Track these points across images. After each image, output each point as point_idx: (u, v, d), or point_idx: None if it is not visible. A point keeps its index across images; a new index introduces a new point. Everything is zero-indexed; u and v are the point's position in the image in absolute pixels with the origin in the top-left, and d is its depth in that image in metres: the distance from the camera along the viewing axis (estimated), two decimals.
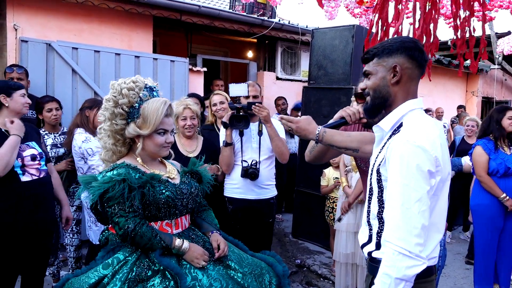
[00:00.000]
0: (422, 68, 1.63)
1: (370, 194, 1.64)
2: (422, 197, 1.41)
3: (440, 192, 1.52)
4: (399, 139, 1.49)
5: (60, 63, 4.63)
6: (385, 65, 1.61)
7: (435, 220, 1.53)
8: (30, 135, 2.84)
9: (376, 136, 1.73)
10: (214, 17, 5.88)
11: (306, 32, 6.83)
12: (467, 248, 5.16)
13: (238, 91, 3.10)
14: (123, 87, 2.02)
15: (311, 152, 2.27)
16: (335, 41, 5.10)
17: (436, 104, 9.41)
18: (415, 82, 1.62)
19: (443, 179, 1.51)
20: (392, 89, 1.61)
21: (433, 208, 1.50)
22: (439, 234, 1.56)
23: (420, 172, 1.42)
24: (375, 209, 1.59)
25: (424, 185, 1.42)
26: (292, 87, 7.24)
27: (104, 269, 1.90)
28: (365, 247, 1.66)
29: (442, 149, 1.49)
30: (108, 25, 5.19)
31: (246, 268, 2.11)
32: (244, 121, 3.06)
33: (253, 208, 3.31)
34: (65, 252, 4.16)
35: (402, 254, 1.39)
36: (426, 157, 1.43)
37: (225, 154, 3.24)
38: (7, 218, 2.62)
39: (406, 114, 1.58)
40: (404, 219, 1.41)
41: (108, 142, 2.08)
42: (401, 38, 1.65)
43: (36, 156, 2.78)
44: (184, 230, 2.11)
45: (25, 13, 4.59)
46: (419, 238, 1.40)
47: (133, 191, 1.89)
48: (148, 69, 5.23)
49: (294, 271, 4.48)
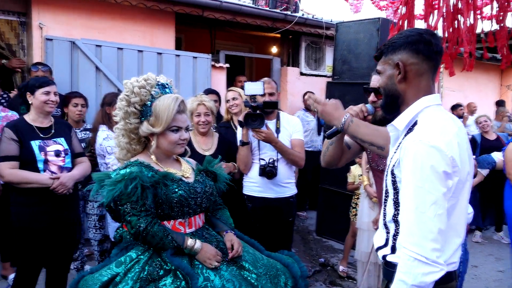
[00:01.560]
0: (433, 60, 1.50)
1: (386, 196, 1.57)
2: (438, 200, 1.32)
3: (459, 193, 1.42)
4: (412, 139, 1.40)
5: (84, 60, 4.69)
6: (390, 62, 1.54)
7: (454, 223, 1.43)
8: (60, 132, 2.90)
9: (391, 136, 1.64)
10: (236, 13, 5.83)
11: (331, 26, 6.69)
12: (500, 249, 4.96)
13: (253, 90, 3.02)
14: (135, 86, 2.00)
15: (325, 155, 2.19)
16: (360, 35, 4.96)
17: (467, 99, 9.06)
18: (425, 76, 1.51)
19: (462, 180, 1.41)
20: (399, 86, 1.53)
21: (452, 211, 1.41)
22: (459, 238, 1.47)
23: (435, 173, 1.33)
24: (390, 211, 1.51)
25: (439, 187, 1.33)
26: (316, 83, 7.11)
27: (117, 267, 1.89)
28: (380, 250, 1.59)
29: (459, 148, 1.39)
30: (131, 22, 5.23)
31: (260, 269, 2.05)
32: (260, 119, 2.99)
33: (273, 207, 3.24)
34: (90, 247, 4.23)
35: (418, 260, 1.31)
36: (441, 157, 1.33)
37: (242, 153, 3.19)
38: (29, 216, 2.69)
39: (421, 111, 1.48)
40: (419, 223, 1.33)
41: (122, 141, 2.08)
42: (407, 31, 1.55)
43: (61, 152, 2.83)
44: (198, 229, 2.07)
45: (50, 11, 4.67)
46: (436, 243, 1.31)
47: (145, 189, 1.87)
48: (170, 66, 5.24)
49: (318, 270, 4.41)
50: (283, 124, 3.25)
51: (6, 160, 2.65)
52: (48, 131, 2.84)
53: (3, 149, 2.67)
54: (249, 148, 3.19)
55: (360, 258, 3.67)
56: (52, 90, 2.82)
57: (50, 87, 2.81)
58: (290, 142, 3.22)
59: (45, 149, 2.76)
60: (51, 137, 2.83)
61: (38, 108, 2.79)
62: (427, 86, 1.52)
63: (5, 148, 2.67)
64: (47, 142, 2.79)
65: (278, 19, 6.33)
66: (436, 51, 1.50)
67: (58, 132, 2.89)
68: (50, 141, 2.81)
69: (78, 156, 2.98)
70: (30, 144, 2.71)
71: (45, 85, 2.81)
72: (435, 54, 1.50)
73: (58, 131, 2.89)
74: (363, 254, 3.63)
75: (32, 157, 2.70)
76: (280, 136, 3.18)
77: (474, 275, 4.40)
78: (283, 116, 3.31)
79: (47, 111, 2.82)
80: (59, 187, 2.72)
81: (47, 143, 2.79)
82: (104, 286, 1.85)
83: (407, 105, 1.53)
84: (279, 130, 3.21)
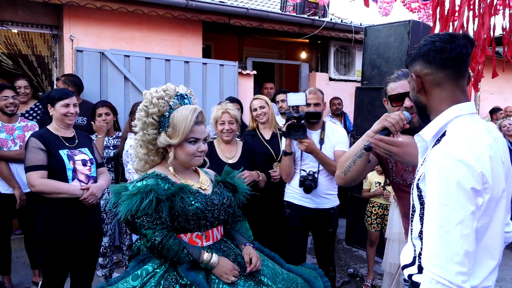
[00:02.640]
0: (450, 68, 1.40)
1: (412, 211, 1.47)
2: (465, 219, 1.21)
3: (492, 212, 1.31)
4: (438, 152, 1.30)
5: (113, 70, 4.79)
6: (411, 75, 1.49)
7: (488, 244, 1.32)
8: (83, 142, 2.96)
9: (419, 147, 1.54)
10: (263, 19, 5.82)
11: (360, 30, 6.56)
12: None
13: (296, 101, 3.01)
14: (154, 96, 1.99)
15: (347, 173, 2.03)
16: (390, 39, 4.83)
17: (507, 102, 8.66)
18: (446, 85, 1.41)
19: (496, 198, 1.30)
20: (421, 98, 1.47)
21: (485, 231, 1.30)
22: (494, 261, 1.35)
23: (462, 190, 1.22)
24: (417, 227, 1.41)
25: (467, 205, 1.22)
26: (346, 88, 6.98)
27: (133, 280, 1.88)
28: (406, 268, 1.49)
29: (491, 163, 1.28)
30: (158, 32, 5.30)
31: (280, 284, 1.99)
32: (302, 130, 2.96)
33: (311, 217, 3.22)
34: (119, 254, 4.30)
35: (441, 284, 1.21)
36: (469, 172, 1.23)
37: (284, 163, 3.18)
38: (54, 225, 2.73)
39: (450, 121, 1.38)
40: (443, 244, 1.22)
41: (140, 152, 2.07)
42: (423, 41, 1.46)
43: (87, 161, 2.88)
44: (216, 242, 2.03)
45: (81, 24, 4.80)
46: (462, 266, 1.21)
47: (160, 202, 1.85)
48: (197, 74, 5.27)
49: (346, 280, 4.29)
50: (327, 135, 3.20)
51: (35, 170, 2.68)
52: (73, 141, 2.89)
53: (31, 159, 2.69)
54: (292, 158, 3.16)
55: (389, 270, 3.53)
56: (72, 102, 2.85)
57: (69, 99, 2.83)
58: (333, 153, 3.15)
59: (73, 158, 2.81)
60: (76, 147, 2.88)
61: (59, 120, 2.84)
62: (452, 95, 1.41)
63: (33, 157, 2.69)
64: (74, 152, 2.84)
65: (306, 25, 6.27)
66: (451, 57, 1.39)
67: (81, 142, 2.94)
68: (76, 151, 2.86)
69: (99, 166, 3.03)
70: (59, 153, 2.75)
71: (65, 97, 2.83)
72: (450, 60, 1.39)
73: (81, 142, 2.95)
74: (392, 266, 3.49)
75: (62, 166, 2.74)
76: (323, 147, 3.13)
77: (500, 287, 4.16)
78: (328, 127, 3.26)
79: (67, 123, 2.85)
80: (89, 197, 2.76)
81: (74, 152, 2.84)
82: None
83: (435, 115, 1.44)
84: (323, 141, 3.17)
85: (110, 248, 3.96)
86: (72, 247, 2.78)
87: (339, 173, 2.08)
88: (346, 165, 2.02)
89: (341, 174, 2.07)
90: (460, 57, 1.40)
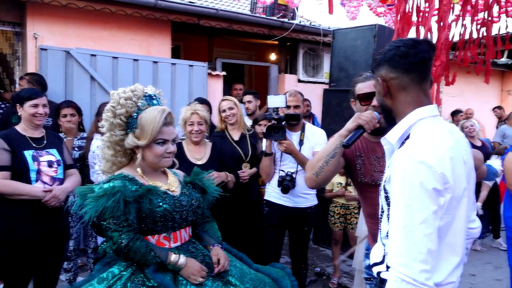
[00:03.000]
0: (414, 72, 1.46)
1: (381, 212, 1.52)
2: (428, 219, 1.27)
3: (454, 210, 1.36)
4: (401, 154, 1.36)
5: (78, 70, 4.69)
6: (377, 79, 1.54)
7: (451, 241, 1.38)
8: (52, 143, 2.89)
9: (385, 149, 1.61)
10: (232, 20, 5.83)
11: (328, 33, 6.67)
12: (498, 257, 4.89)
13: (276, 103, 3.08)
14: (121, 97, 1.97)
15: (319, 174, 1.99)
16: (357, 42, 4.94)
17: (468, 105, 9.00)
18: (410, 89, 1.47)
19: (457, 197, 1.35)
20: (387, 102, 1.53)
21: (448, 229, 1.36)
22: (457, 257, 1.41)
23: (425, 191, 1.27)
24: (385, 228, 1.47)
25: (429, 205, 1.28)
26: (314, 90, 7.08)
27: (99, 283, 1.85)
28: (376, 266, 1.55)
29: (452, 163, 1.33)
30: (126, 31, 5.23)
31: (248, 283, 2.01)
32: (282, 131, 3.01)
33: (288, 215, 3.30)
34: (83, 258, 4.21)
35: (405, 282, 1.26)
36: (431, 174, 1.28)
37: (264, 163, 3.23)
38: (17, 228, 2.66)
39: (414, 124, 1.44)
40: (408, 243, 1.28)
41: (107, 153, 2.04)
42: (387, 46, 1.52)
43: (54, 163, 2.82)
44: (184, 243, 2.03)
45: (45, 22, 4.68)
46: (425, 264, 1.26)
47: (128, 204, 1.83)
48: (166, 75, 5.23)
49: (313, 279, 4.36)
50: (307, 136, 3.27)
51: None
52: (40, 142, 2.83)
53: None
54: (272, 159, 3.23)
55: (359, 268, 3.62)
56: (41, 102, 2.79)
57: (39, 100, 2.78)
58: (312, 154, 3.21)
59: (38, 159, 2.75)
60: (43, 148, 2.82)
61: (27, 121, 2.78)
62: (416, 98, 1.47)
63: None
64: (40, 152, 2.78)
65: (275, 27, 6.33)
66: (415, 62, 1.45)
67: (50, 143, 2.88)
68: (43, 152, 2.80)
69: (68, 167, 2.96)
70: (23, 153, 2.69)
71: (34, 97, 2.78)
72: (414, 65, 1.45)
73: (50, 142, 2.88)
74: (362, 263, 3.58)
75: (25, 167, 2.68)
76: (302, 148, 3.20)
77: (471, 284, 4.34)
78: (308, 129, 3.33)
79: (36, 123, 2.80)
80: (51, 199, 2.70)
81: (40, 153, 2.78)
82: None
83: (400, 118, 1.49)
84: (303, 142, 3.24)
85: (74, 252, 3.88)
86: (35, 250, 2.71)
87: (310, 175, 2.04)
88: (318, 166, 1.98)
89: (313, 176, 2.02)
90: (424, 62, 1.46)
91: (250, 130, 3.84)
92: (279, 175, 3.22)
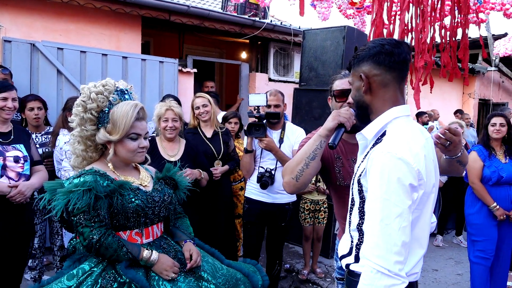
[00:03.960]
0: (396, 70, 1.51)
1: (351, 205, 1.57)
2: (403, 213, 1.33)
3: (423, 206, 1.43)
4: (380, 150, 1.41)
5: (44, 63, 4.55)
6: (357, 75, 1.56)
7: (418, 235, 1.45)
8: (19, 138, 2.81)
9: (359, 144, 1.65)
10: (204, 18, 5.81)
11: (299, 33, 6.75)
12: (459, 253, 5.09)
13: (257, 101, 3.16)
14: (92, 91, 1.94)
15: (299, 178, 1.85)
16: (327, 42, 5.02)
17: (432, 106, 9.32)
18: (391, 87, 1.52)
19: (427, 193, 1.43)
20: (366, 98, 1.55)
21: (416, 223, 1.42)
22: (422, 250, 1.48)
23: (401, 186, 1.33)
24: (355, 220, 1.51)
25: (405, 199, 1.33)
26: (285, 89, 7.11)
27: (69, 280, 1.82)
28: (344, 258, 1.59)
29: (425, 161, 1.40)
30: (95, 25, 5.11)
31: (220, 279, 2.03)
32: (262, 129, 3.11)
33: (267, 211, 3.37)
34: (49, 256, 4.11)
35: (380, 273, 1.31)
36: (408, 170, 1.34)
37: (245, 160, 3.32)
38: None
39: (390, 122, 1.50)
40: (384, 236, 1.32)
41: (78, 148, 2.00)
42: (371, 43, 1.56)
43: (20, 158, 2.75)
44: (156, 239, 2.02)
45: (9, 12, 4.51)
46: (399, 256, 1.32)
47: (99, 200, 1.81)
48: (136, 70, 5.15)
49: (283, 276, 4.40)
50: (287, 135, 3.35)
51: None
52: (7, 137, 2.76)
53: None
54: (252, 156, 3.30)
55: None
56: (11, 96, 2.74)
57: (8, 93, 2.72)
58: (292, 153, 3.27)
59: (4, 154, 2.68)
60: (10, 143, 2.75)
61: None
62: (394, 97, 1.53)
63: None
64: (6, 148, 2.71)
65: (246, 25, 6.34)
66: (398, 61, 1.50)
67: (17, 139, 2.80)
68: (9, 147, 2.73)
69: (35, 164, 2.89)
70: None
71: (3, 90, 2.72)
72: (397, 64, 1.50)
73: (17, 138, 2.80)
74: None
75: None
76: (282, 146, 3.28)
77: (434, 278, 4.50)
78: (288, 128, 3.41)
79: (4, 117, 2.74)
80: (17, 195, 2.62)
81: (6, 148, 2.71)
82: None
83: (376, 115, 1.54)
84: (282, 140, 3.32)
85: (40, 249, 3.77)
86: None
87: (289, 180, 1.89)
88: (297, 170, 1.85)
89: (292, 180, 1.87)
90: (405, 62, 1.52)
91: (223, 128, 3.85)
92: (258, 172, 3.30)
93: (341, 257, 1.62)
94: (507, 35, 9.10)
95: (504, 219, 3.55)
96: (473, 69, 10.51)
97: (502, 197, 3.57)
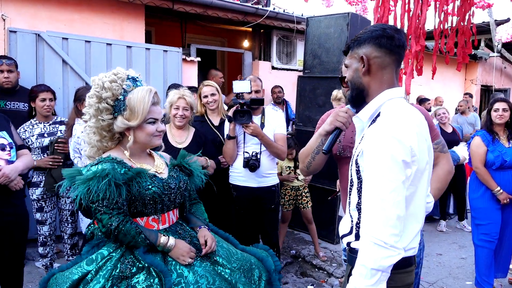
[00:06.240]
0: (395, 54, 1.58)
1: (350, 185, 1.63)
2: (397, 188, 1.39)
3: (418, 182, 1.49)
4: (374, 130, 1.47)
5: (50, 53, 4.55)
6: (356, 56, 1.61)
7: (414, 210, 1.50)
8: (1, 125, 2.75)
9: (356, 128, 1.73)
10: (207, 6, 5.78)
11: (302, 21, 6.73)
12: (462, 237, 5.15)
13: (241, 88, 3.24)
14: (105, 81, 1.95)
15: (309, 167, 2.23)
16: (330, 29, 5.02)
17: (434, 93, 9.33)
18: (388, 69, 1.58)
19: (421, 169, 1.48)
20: (364, 79, 1.60)
21: (412, 199, 1.48)
22: (418, 224, 1.54)
23: (395, 162, 1.39)
24: (355, 200, 1.58)
25: (399, 175, 1.39)
26: (288, 77, 7.16)
27: (88, 265, 1.87)
28: (345, 237, 1.65)
29: (418, 139, 1.45)
30: (99, 14, 5.10)
31: (234, 263, 2.07)
32: (247, 115, 3.19)
33: (256, 196, 3.45)
34: (59, 244, 4.16)
35: (377, 245, 1.38)
36: (400, 147, 1.40)
37: (228, 146, 3.37)
38: None
39: (384, 103, 1.56)
40: (379, 210, 1.39)
41: (93, 138, 2.02)
42: (372, 27, 1.62)
43: (6, 146, 2.70)
44: (171, 225, 2.06)
45: (14, 3, 4.51)
46: (394, 228, 1.38)
47: (117, 187, 1.84)
48: (140, 60, 5.15)
49: (289, 261, 4.48)
50: (267, 119, 3.46)
51: None
52: None
53: None
54: (235, 142, 3.37)
55: None
56: None
57: None
58: (274, 136, 3.41)
59: None
60: None
61: None
62: (390, 79, 1.59)
63: None
64: None
65: (249, 13, 6.32)
66: (398, 45, 1.57)
67: None
68: None
69: (19, 148, 2.84)
70: None
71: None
72: (397, 48, 1.57)
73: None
74: None
75: None
76: (264, 130, 3.37)
77: (438, 262, 4.57)
78: (267, 112, 3.54)
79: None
80: (1, 179, 2.59)
81: None
82: (75, 285, 1.82)
83: (371, 97, 1.59)
84: (264, 125, 3.42)
85: (50, 237, 3.83)
86: None
87: (302, 167, 2.30)
88: (307, 162, 2.22)
89: (304, 168, 2.27)
90: (403, 47, 1.60)
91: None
92: (244, 157, 3.37)
93: (342, 236, 1.69)
94: (510, 20, 9.05)
95: (507, 203, 3.60)
96: (475, 55, 10.49)
97: (506, 181, 3.61)
